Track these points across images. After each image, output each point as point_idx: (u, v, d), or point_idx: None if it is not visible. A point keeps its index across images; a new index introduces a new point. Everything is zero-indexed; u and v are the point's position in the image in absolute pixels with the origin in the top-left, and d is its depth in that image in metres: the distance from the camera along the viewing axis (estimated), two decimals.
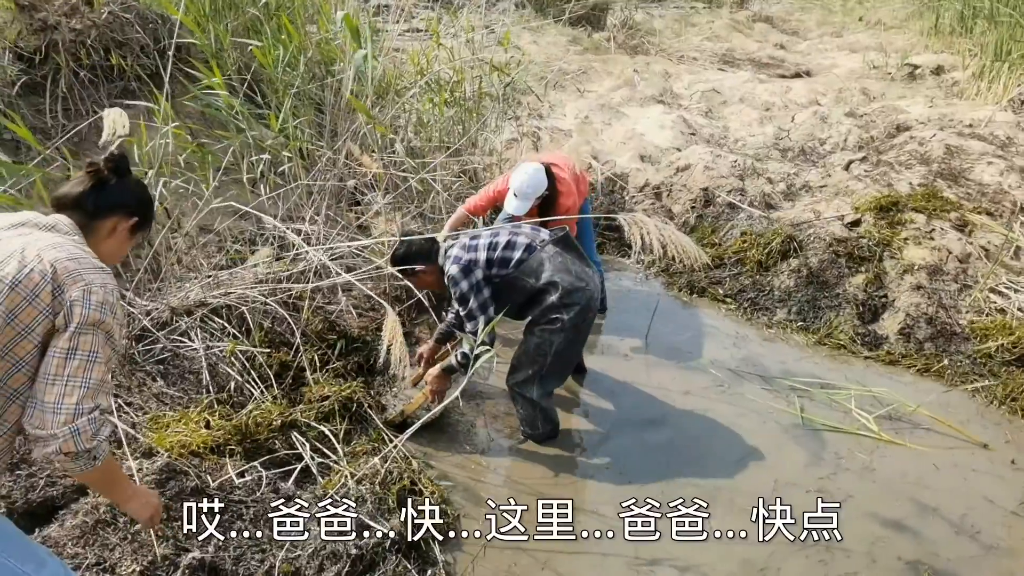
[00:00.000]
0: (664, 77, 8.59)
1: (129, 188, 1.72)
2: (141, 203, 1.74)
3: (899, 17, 13.04)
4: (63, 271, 1.44)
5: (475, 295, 3.00)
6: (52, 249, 1.46)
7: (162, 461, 2.57)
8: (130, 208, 1.70)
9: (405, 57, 6.00)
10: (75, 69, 4.13)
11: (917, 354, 3.67)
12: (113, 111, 3.02)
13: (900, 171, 5.18)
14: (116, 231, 1.68)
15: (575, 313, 2.96)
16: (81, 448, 1.43)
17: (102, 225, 1.65)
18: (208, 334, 3.41)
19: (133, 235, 1.73)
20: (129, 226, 1.70)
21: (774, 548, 2.58)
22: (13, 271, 1.40)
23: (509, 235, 3.08)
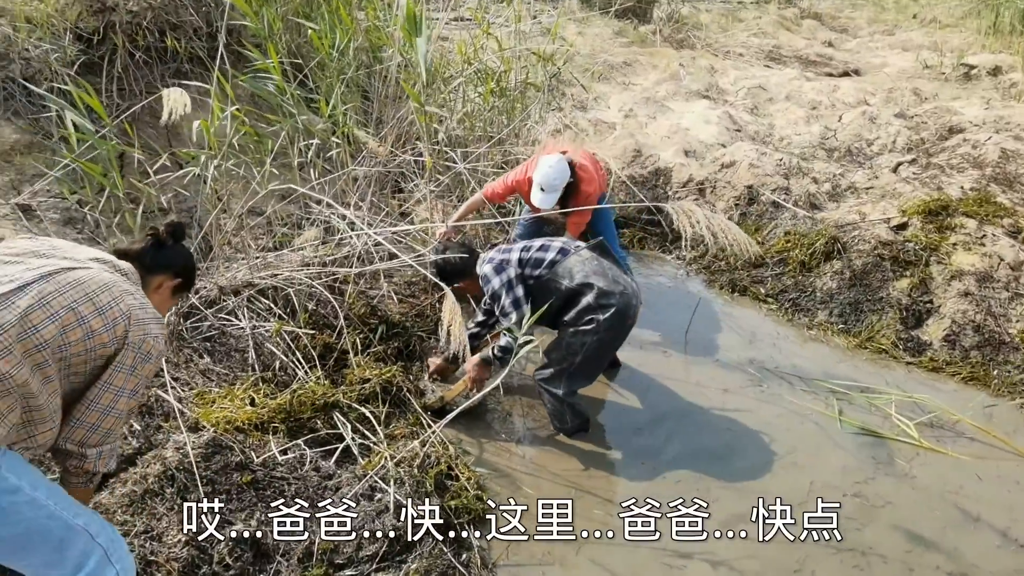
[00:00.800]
0: (710, 72, 8.48)
1: (180, 253, 1.98)
2: (187, 268, 2.00)
3: (956, 15, 12.64)
4: (135, 317, 1.67)
5: (507, 292, 3.03)
6: (129, 296, 1.70)
7: (208, 436, 2.65)
8: (177, 270, 1.95)
9: (451, 46, 6.03)
10: (131, 50, 4.25)
11: (962, 362, 3.59)
12: (173, 91, 3.10)
13: (951, 174, 5.05)
14: (161, 288, 1.92)
15: (610, 315, 2.96)
16: (97, 470, 1.72)
17: (152, 280, 1.88)
18: (254, 314, 3.49)
19: (174, 295, 1.99)
20: (173, 285, 1.95)
21: (808, 551, 2.57)
22: (104, 302, 1.63)
23: (543, 241, 3.20)
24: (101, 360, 1.64)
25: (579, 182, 3.70)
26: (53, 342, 1.53)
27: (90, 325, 1.58)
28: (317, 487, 2.67)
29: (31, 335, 1.50)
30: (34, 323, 1.50)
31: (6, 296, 1.50)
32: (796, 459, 3.02)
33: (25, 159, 3.71)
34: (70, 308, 1.55)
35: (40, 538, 1.60)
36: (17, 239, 1.77)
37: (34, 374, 1.52)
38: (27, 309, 1.50)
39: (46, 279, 1.56)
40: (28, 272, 1.57)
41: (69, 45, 3.97)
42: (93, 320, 1.58)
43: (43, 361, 1.53)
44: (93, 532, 1.70)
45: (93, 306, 1.59)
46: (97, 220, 3.61)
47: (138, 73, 4.24)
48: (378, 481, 2.65)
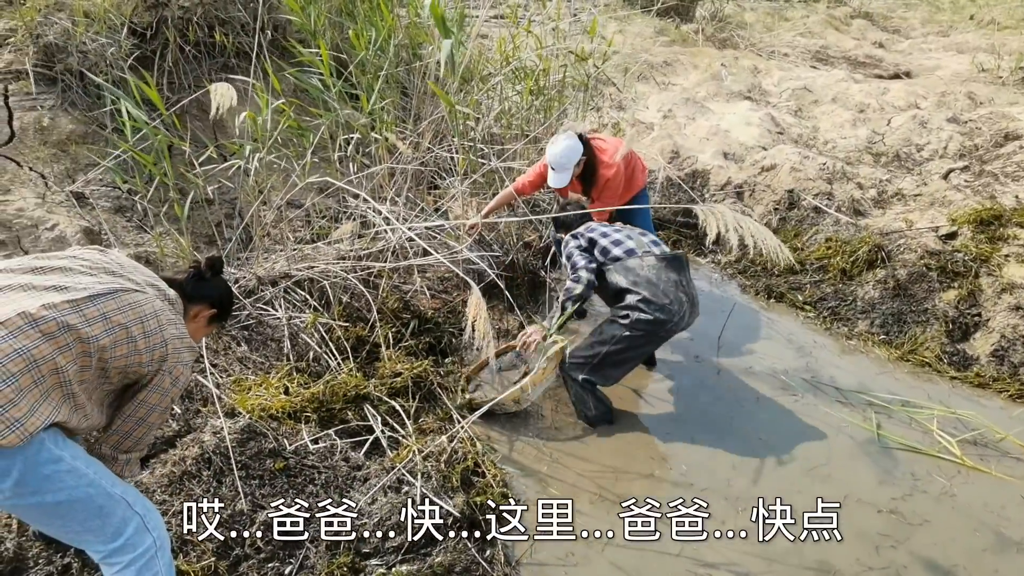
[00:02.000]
0: (753, 73, 8.33)
1: (218, 286, 2.14)
2: (223, 300, 2.16)
3: (1016, 16, 12.21)
4: (172, 347, 1.85)
5: (579, 254, 3.30)
6: (172, 325, 1.87)
7: (244, 422, 2.71)
8: (213, 301, 2.11)
9: (491, 43, 6.04)
10: (181, 45, 4.36)
11: (1011, 378, 3.46)
12: (220, 85, 3.17)
13: (1006, 183, 4.87)
14: (199, 317, 2.08)
15: (648, 318, 3.06)
16: (123, 474, 1.90)
17: (191, 308, 2.04)
18: (290, 304, 3.56)
19: (210, 324, 2.14)
20: (209, 315, 2.10)
21: (841, 566, 2.52)
22: (151, 328, 1.81)
23: (622, 235, 3.34)
24: (134, 376, 1.82)
25: (597, 164, 3.67)
26: (103, 352, 1.71)
27: (136, 345, 1.76)
28: (346, 477, 2.71)
29: (90, 342, 1.68)
30: (95, 332, 1.69)
31: (78, 303, 1.69)
32: (830, 471, 2.95)
33: (80, 149, 3.84)
34: (125, 327, 1.74)
35: (81, 505, 1.71)
36: (88, 250, 1.94)
37: (81, 373, 1.70)
38: (92, 319, 1.69)
39: (112, 296, 1.76)
40: (99, 285, 1.77)
41: (124, 39, 4.09)
42: (140, 341, 1.77)
43: (88, 365, 1.70)
44: (130, 500, 1.82)
45: (142, 329, 1.78)
46: (146, 209, 3.73)
47: (187, 67, 4.35)
48: (405, 474, 2.68)
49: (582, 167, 3.71)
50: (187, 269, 2.11)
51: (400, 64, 5.02)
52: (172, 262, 3.52)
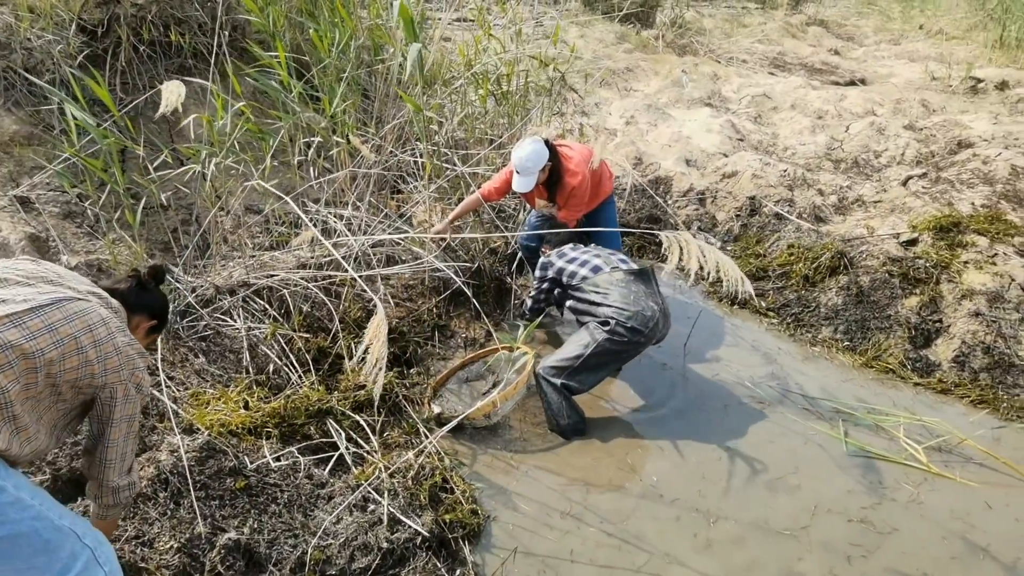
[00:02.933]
0: (712, 79, 8.43)
1: (158, 296, 2.08)
2: (163, 310, 2.10)
3: (962, 27, 12.62)
4: (126, 353, 1.76)
5: (539, 284, 3.58)
6: (121, 333, 1.78)
7: (203, 439, 2.58)
8: (154, 312, 2.04)
9: (453, 47, 5.97)
10: (135, 44, 4.18)
11: (971, 384, 3.52)
12: (172, 83, 3.03)
13: (961, 190, 5.00)
14: (139, 328, 1.99)
15: (626, 325, 3.12)
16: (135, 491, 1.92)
17: (132, 318, 1.95)
18: (249, 314, 3.44)
19: (148, 335, 2.07)
20: (148, 326, 2.03)
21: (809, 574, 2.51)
22: (101, 336, 1.71)
23: (589, 255, 3.45)
24: (89, 390, 1.72)
25: (563, 172, 3.65)
26: (51, 366, 1.61)
27: (87, 355, 1.67)
28: (310, 495, 2.61)
29: (36, 356, 1.58)
30: (41, 345, 1.59)
31: (20, 316, 1.59)
32: (799, 481, 2.96)
33: (25, 151, 3.65)
34: (73, 337, 1.64)
35: (26, 540, 1.58)
36: (21, 260, 1.83)
37: (26, 391, 1.59)
38: (37, 332, 1.59)
39: (56, 306, 1.65)
40: (41, 296, 1.66)
41: (72, 37, 3.90)
42: (91, 351, 1.67)
43: (34, 382, 1.60)
44: (80, 532, 1.68)
45: (92, 338, 1.68)
46: (97, 215, 3.55)
47: (142, 67, 4.17)
48: (371, 492, 2.59)
49: (547, 173, 3.67)
50: (126, 278, 2.03)
51: (361, 66, 4.92)
52: (127, 270, 3.36)
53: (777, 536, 2.69)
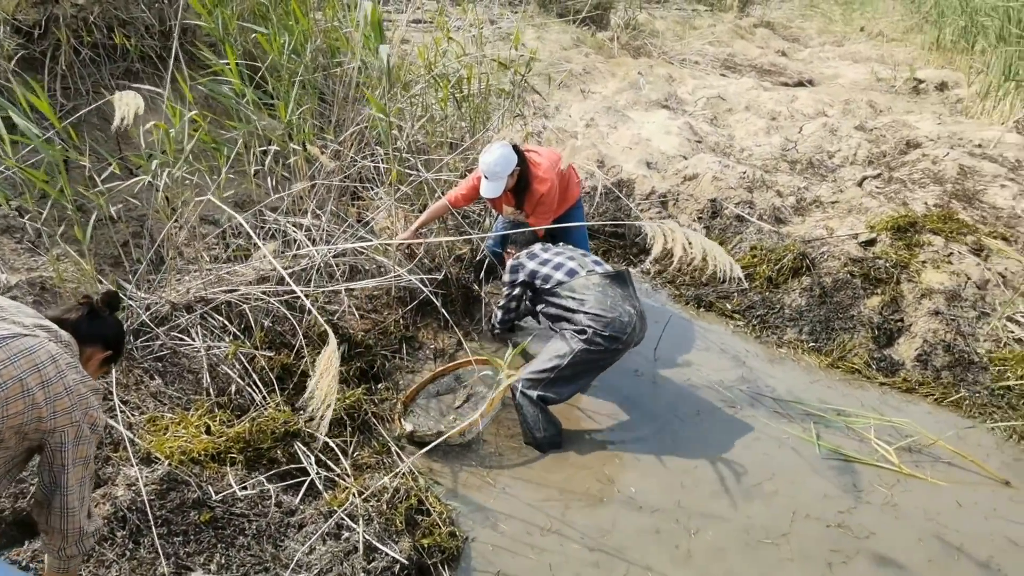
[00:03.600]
0: (668, 81, 8.49)
1: (113, 324, 1.91)
2: (117, 340, 1.92)
3: (899, 29, 13.05)
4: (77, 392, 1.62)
5: (509, 290, 3.44)
6: (73, 370, 1.63)
7: (163, 470, 2.43)
8: (108, 341, 1.87)
9: (411, 49, 5.85)
10: (76, 46, 3.95)
11: (934, 382, 3.60)
12: (126, 94, 2.85)
13: (914, 189, 5.13)
14: (92, 359, 1.83)
15: (603, 333, 3.05)
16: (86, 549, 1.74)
17: (84, 349, 1.78)
18: (208, 332, 3.27)
19: (102, 366, 1.90)
20: (103, 357, 1.87)
21: None
22: (50, 375, 1.56)
23: (563, 257, 3.34)
24: (36, 435, 1.58)
25: (531, 179, 3.59)
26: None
27: (34, 397, 1.53)
28: (279, 524, 2.49)
29: None
30: None
31: None
32: (776, 487, 2.96)
33: None
34: (18, 379, 1.50)
35: None
36: None
37: None
38: None
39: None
40: None
41: (6, 38, 3.66)
42: (38, 393, 1.53)
43: None
44: None
45: (40, 378, 1.54)
46: (39, 230, 3.33)
47: (84, 71, 3.94)
48: (345, 519, 2.48)
49: (516, 179, 3.61)
50: (76, 306, 1.86)
51: (317, 70, 4.77)
52: (73, 287, 3.16)
53: (758, 545, 2.68)
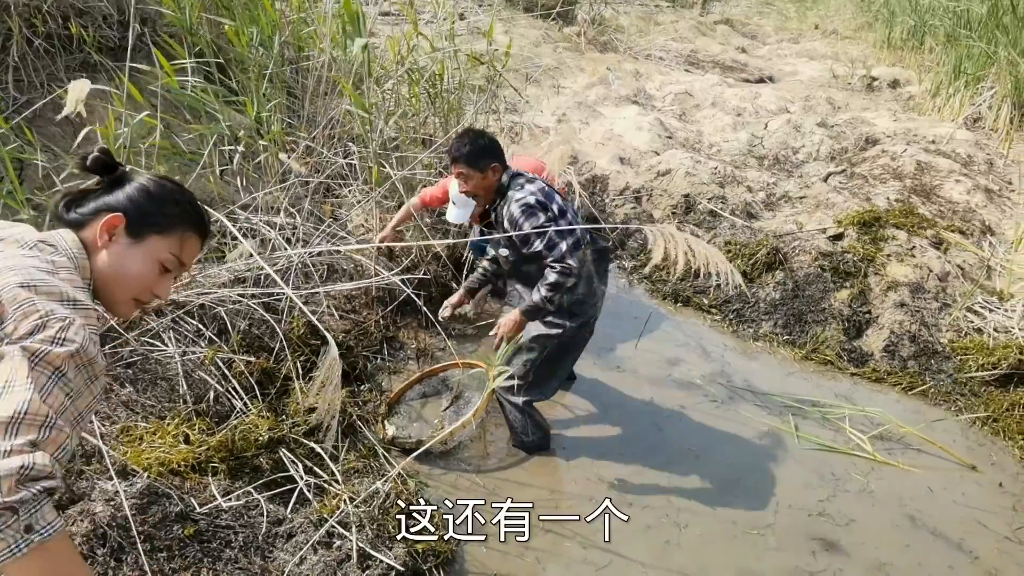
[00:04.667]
0: (636, 77, 8.56)
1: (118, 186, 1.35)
2: (128, 195, 1.34)
3: (852, 27, 13.41)
4: (11, 301, 1.10)
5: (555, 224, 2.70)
6: (12, 273, 1.14)
7: (143, 483, 2.34)
8: (116, 204, 1.32)
9: (379, 42, 5.75)
10: (29, 36, 3.76)
11: (902, 372, 3.72)
12: (78, 82, 2.71)
13: (875, 185, 5.28)
14: (101, 236, 1.30)
15: (578, 324, 2.91)
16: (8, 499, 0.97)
17: (87, 233, 1.30)
18: (181, 336, 3.16)
19: (138, 240, 1.32)
20: (110, 222, 1.30)
21: (785, 572, 2.57)
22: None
23: (570, 215, 2.82)
24: None
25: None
26: None
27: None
28: (267, 535, 2.42)
29: None
30: None
31: None
32: (759, 478, 3.02)
33: None
34: None
35: None
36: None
37: None
38: None
39: None
40: None
41: None
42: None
43: None
44: None
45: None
46: None
47: (38, 63, 3.76)
48: (336, 526, 2.43)
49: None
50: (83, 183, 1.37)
51: (285, 63, 4.65)
52: None
53: (744, 536, 2.73)
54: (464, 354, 3.62)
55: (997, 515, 2.88)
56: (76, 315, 1.15)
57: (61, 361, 1.09)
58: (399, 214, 3.84)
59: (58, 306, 1.13)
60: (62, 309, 1.13)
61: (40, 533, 1.00)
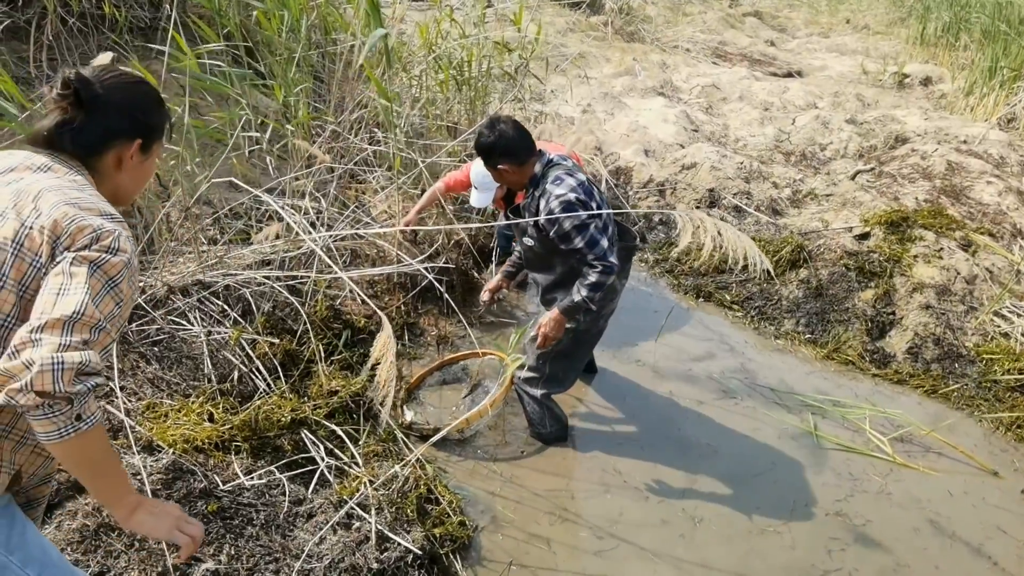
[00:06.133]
0: (662, 68, 8.48)
1: (110, 110, 1.35)
2: (134, 118, 1.38)
3: (884, 22, 13.17)
4: (63, 218, 1.20)
5: (597, 231, 2.60)
6: (49, 194, 1.23)
7: (168, 459, 2.39)
8: (125, 131, 1.37)
9: (408, 28, 5.75)
10: (63, 16, 3.82)
11: (924, 374, 3.67)
12: (104, 55, 2.74)
13: (904, 184, 5.20)
14: (123, 162, 1.39)
15: (592, 319, 2.91)
16: (59, 388, 1.08)
17: (102, 162, 1.37)
18: (206, 316, 3.21)
19: (148, 153, 1.43)
20: (134, 150, 1.39)
21: (799, 570, 2.56)
22: (12, 232, 1.20)
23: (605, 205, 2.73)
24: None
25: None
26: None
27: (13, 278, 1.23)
28: (288, 514, 2.46)
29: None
30: None
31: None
32: (777, 476, 3.01)
33: None
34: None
35: None
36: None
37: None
38: None
39: None
40: None
41: None
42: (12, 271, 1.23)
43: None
44: None
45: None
46: None
47: (71, 42, 3.81)
48: (355, 508, 2.47)
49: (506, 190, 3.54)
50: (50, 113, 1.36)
51: (312, 47, 4.67)
52: None
53: (761, 533, 2.73)
54: (484, 343, 3.64)
55: (1018, 521, 2.85)
56: (117, 226, 1.26)
57: (116, 271, 1.21)
58: (423, 199, 3.85)
59: (102, 219, 1.24)
60: (107, 222, 1.24)
61: (87, 422, 1.15)
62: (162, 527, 1.31)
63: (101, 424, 1.19)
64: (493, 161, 2.73)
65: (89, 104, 1.33)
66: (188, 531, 1.34)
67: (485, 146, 2.72)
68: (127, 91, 1.40)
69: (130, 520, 1.28)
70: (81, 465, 1.22)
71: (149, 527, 1.30)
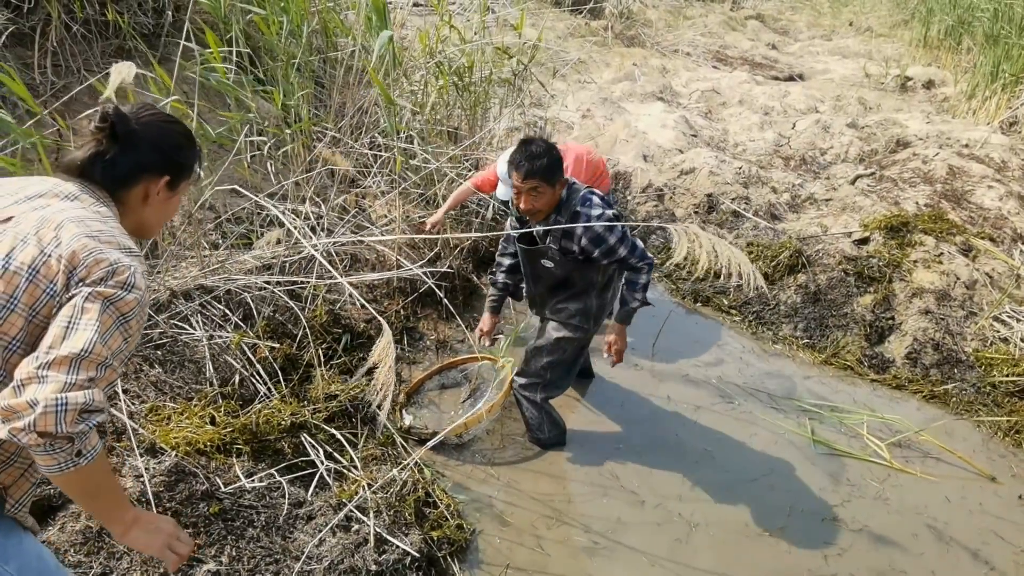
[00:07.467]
0: (662, 72, 8.51)
1: (143, 146, 1.41)
2: (165, 155, 1.44)
3: (887, 24, 13.17)
4: (81, 250, 1.23)
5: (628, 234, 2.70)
6: (71, 224, 1.25)
7: (171, 461, 2.42)
8: (156, 167, 1.43)
9: (408, 34, 5.78)
10: (67, 22, 3.85)
11: (923, 380, 3.69)
12: (122, 64, 2.76)
13: (904, 188, 5.21)
14: (149, 197, 1.44)
15: (596, 327, 2.99)
16: (61, 430, 1.12)
17: (129, 195, 1.42)
18: (208, 320, 3.24)
19: (174, 191, 1.48)
20: (161, 186, 1.44)
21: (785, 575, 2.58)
22: (30, 258, 1.23)
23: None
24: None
25: None
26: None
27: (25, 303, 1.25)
28: (288, 516, 2.49)
29: None
30: None
31: None
32: (773, 481, 3.03)
33: None
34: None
35: None
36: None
37: None
38: None
39: None
40: None
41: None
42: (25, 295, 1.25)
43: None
44: None
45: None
46: None
47: (76, 48, 3.84)
48: (354, 511, 2.49)
49: None
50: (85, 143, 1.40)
51: (313, 53, 4.70)
52: None
53: (757, 538, 2.74)
54: (483, 349, 3.65)
55: (1015, 527, 2.86)
56: (134, 262, 1.30)
57: (128, 308, 1.25)
58: (451, 199, 3.84)
59: (120, 254, 1.28)
60: (125, 257, 1.28)
61: (86, 457, 1.19)
62: (154, 544, 1.37)
63: (102, 453, 1.23)
64: (559, 175, 2.63)
65: (124, 138, 1.38)
66: (178, 550, 1.41)
67: (555, 160, 2.60)
68: (161, 129, 1.46)
69: (125, 536, 1.35)
70: (79, 493, 1.28)
71: (143, 543, 1.36)
